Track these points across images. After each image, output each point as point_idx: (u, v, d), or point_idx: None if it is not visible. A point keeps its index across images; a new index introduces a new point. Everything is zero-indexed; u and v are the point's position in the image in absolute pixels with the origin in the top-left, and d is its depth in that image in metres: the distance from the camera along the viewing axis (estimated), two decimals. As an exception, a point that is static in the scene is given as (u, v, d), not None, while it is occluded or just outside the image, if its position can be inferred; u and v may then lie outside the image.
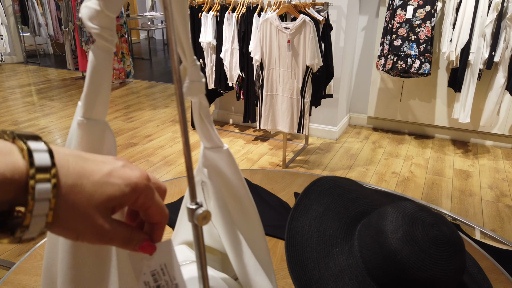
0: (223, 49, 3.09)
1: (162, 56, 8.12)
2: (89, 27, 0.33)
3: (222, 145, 0.44)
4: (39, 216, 0.27)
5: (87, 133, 0.36)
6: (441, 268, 0.59)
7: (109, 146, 0.38)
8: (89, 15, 0.32)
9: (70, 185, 0.29)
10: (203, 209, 0.35)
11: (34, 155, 0.27)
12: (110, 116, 4.04)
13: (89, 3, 0.32)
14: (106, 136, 0.37)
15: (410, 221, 0.62)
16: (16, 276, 0.81)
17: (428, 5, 2.92)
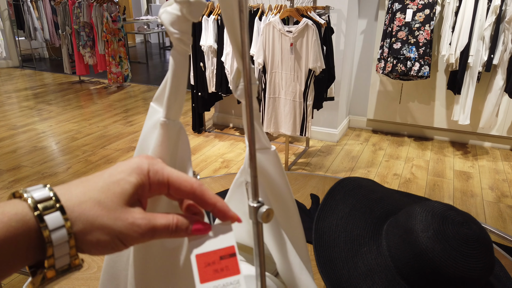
0: (224, 52, 3.10)
1: (158, 59, 8.11)
2: (170, 32, 0.34)
3: (269, 147, 0.44)
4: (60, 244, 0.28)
5: (168, 132, 0.36)
6: (472, 265, 0.60)
7: (184, 144, 0.38)
8: (170, 20, 0.33)
9: (77, 204, 0.30)
10: (266, 207, 0.35)
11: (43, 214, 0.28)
12: (109, 120, 4.03)
13: (170, 8, 0.33)
14: (181, 135, 0.38)
15: (440, 220, 0.63)
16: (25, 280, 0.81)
17: (427, 9, 2.95)
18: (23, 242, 0.27)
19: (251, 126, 0.35)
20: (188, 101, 4.78)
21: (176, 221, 0.33)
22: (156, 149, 0.35)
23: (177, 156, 0.38)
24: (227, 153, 3.21)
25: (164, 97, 0.36)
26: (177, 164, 0.38)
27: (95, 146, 3.34)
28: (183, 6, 0.32)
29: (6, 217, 0.27)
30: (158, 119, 0.36)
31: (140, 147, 0.40)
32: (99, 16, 4.99)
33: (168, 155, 0.36)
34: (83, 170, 2.89)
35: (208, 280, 0.34)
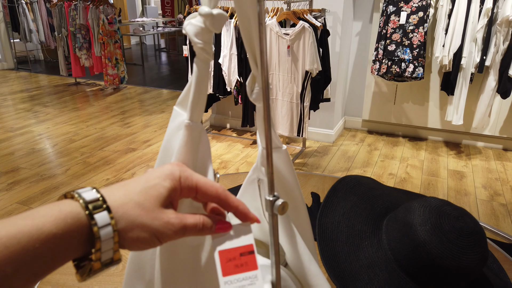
0: (222, 54, 3.14)
1: (154, 61, 8.13)
2: (194, 42, 0.37)
3: (281, 146, 0.48)
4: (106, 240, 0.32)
5: (191, 133, 0.39)
6: (467, 256, 0.64)
7: (204, 145, 0.41)
8: (194, 31, 0.36)
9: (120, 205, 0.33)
10: (281, 200, 0.39)
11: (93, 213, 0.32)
12: (106, 122, 4.04)
13: (194, 21, 0.36)
14: (202, 136, 0.41)
15: (437, 215, 0.67)
16: (53, 276, 0.84)
17: (421, 11, 3.01)
18: (76, 236, 0.31)
19: (268, 127, 0.38)
20: (185, 102, 4.81)
21: (202, 220, 0.37)
22: (181, 149, 0.39)
23: (198, 156, 0.41)
24: (225, 154, 3.24)
25: (187, 101, 0.39)
26: (198, 162, 0.41)
27: (93, 148, 3.36)
28: (206, 19, 0.36)
29: (63, 214, 0.30)
30: (182, 121, 0.40)
31: (164, 147, 0.43)
32: (95, 18, 5.01)
33: (191, 154, 0.40)
34: (81, 172, 2.91)
35: (230, 274, 0.38)
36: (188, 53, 3.34)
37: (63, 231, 0.30)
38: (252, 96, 0.43)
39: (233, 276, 0.38)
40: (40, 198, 2.53)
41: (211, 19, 0.35)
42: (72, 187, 2.68)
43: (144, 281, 0.43)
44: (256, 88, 0.43)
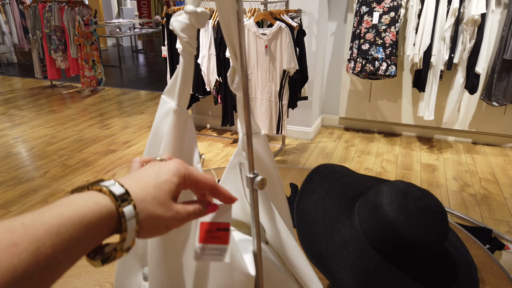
0: (200, 55, 3.17)
1: (131, 63, 8.05)
2: (180, 36, 0.42)
3: (260, 132, 0.53)
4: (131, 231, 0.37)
5: (179, 118, 0.44)
6: (430, 232, 0.71)
7: (190, 129, 0.46)
8: (180, 27, 0.41)
9: (141, 200, 0.38)
10: (260, 177, 0.44)
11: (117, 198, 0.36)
12: (84, 124, 4.01)
13: (180, 18, 0.41)
14: (188, 121, 0.45)
15: (402, 195, 0.74)
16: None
17: (392, 12, 3.12)
18: (107, 226, 0.35)
19: (248, 112, 0.44)
20: (164, 103, 4.80)
21: (198, 207, 0.44)
22: (170, 132, 0.43)
23: (185, 138, 0.46)
24: (206, 153, 3.27)
25: (174, 90, 0.44)
26: (185, 144, 0.46)
27: (71, 150, 3.33)
28: (191, 16, 0.40)
29: (98, 206, 0.34)
30: (169, 108, 0.44)
31: (154, 131, 0.47)
32: (71, 20, 4.95)
33: (179, 137, 0.44)
34: (61, 174, 2.89)
35: (204, 242, 0.43)
36: (167, 54, 3.36)
37: (99, 221, 0.34)
38: (233, 86, 0.48)
39: (207, 245, 0.43)
40: (18, 202, 2.51)
41: (196, 16, 0.40)
42: (52, 189, 2.66)
43: (137, 256, 0.47)
44: (236, 79, 0.48)
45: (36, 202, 2.50)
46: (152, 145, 0.47)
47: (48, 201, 2.51)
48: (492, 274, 0.86)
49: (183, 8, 0.41)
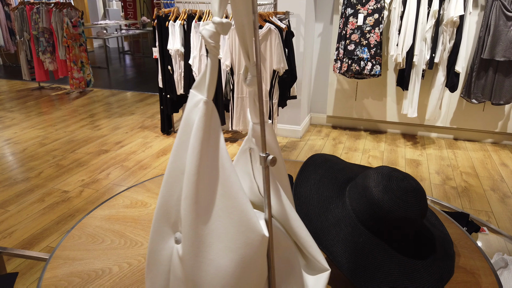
0: (192, 55, 3.25)
1: (119, 64, 8.06)
2: (208, 42, 0.51)
3: (267, 120, 0.63)
4: None
5: (207, 108, 0.52)
6: (411, 209, 0.81)
7: (216, 117, 0.55)
8: (208, 35, 0.50)
9: None
10: (272, 156, 0.54)
11: None
12: (75, 125, 4.04)
13: (208, 26, 0.50)
14: (214, 110, 0.54)
15: (387, 178, 0.84)
16: (62, 252, 0.95)
17: (376, 13, 3.25)
18: None
19: (261, 103, 0.53)
20: (158, 102, 4.86)
21: None
22: (201, 118, 0.52)
23: (211, 124, 0.54)
24: (198, 152, 3.35)
25: (202, 85, 0.53)
26: (212, 129, 0.54)
27: (64, 151, 3.37)
28: (218, 25, 0.49)
29: None
30: (198, 100, 0.53)
31: (185, 120, 0.56)
32: (59, 22, 4.96)
33: (208, 123, 0.53)
34: (55, 174, 2.93)
35: None
36: (158, 55, 3.43)
37: None
38: (247, 82, 0.58)
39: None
40: (15, 201, 2.55)
41: (222, 26, 0.49)
42: (48, 189, 2.71)
43: (170, 223, 0.56)
44: (249, 76, 0.57)
45: (33, 201, 2.55)
46: (183, 131, 0.55)
47: (44, 200, 2.56)
48: (466, 249, 0.97)
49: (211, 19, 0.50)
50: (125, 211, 1.13)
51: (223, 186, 0.53)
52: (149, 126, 4.04)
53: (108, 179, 2.86)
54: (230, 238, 0.53)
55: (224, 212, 0.53)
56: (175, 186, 0.55)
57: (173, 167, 0.56)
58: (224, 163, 0.53)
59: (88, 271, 0.88)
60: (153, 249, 0.58)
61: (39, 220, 2.34)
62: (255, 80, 0.57)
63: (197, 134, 0.52)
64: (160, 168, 3.05)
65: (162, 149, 3.42)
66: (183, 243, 0.53)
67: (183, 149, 0.55)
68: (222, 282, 0.53)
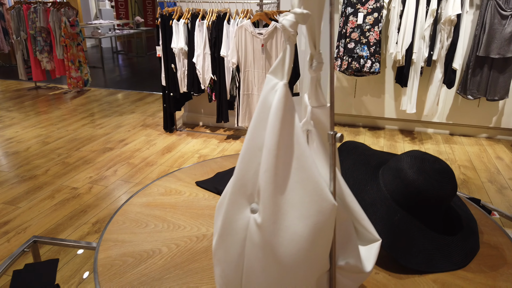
0: (196, 54, 3.30)
1: (113, 64, 8.05)
2: (288, 31, 0.56)
3: (325, 104, 0.69)
4: None
5: (287, 90, 0.58)
6: (444, 188, 0.88)
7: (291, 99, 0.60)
8: (289, 24, 0.56)
9: None
10: (340, 133, 0.60)
11: None
12: (77, 123, 4.05)
13: (288, 17, 0.55)
14: (289, 92, 0.60)
15: (420, 160, 0.91)
16: (110, 235, 0.99)
17: (376, 12, 3.34)
18: None
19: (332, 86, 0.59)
20: (157, 101, 4.88)
21: None
22: (280, 100, 0.58)
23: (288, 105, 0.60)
24: (202, 149, 3.40)
25: (279, 70, 0.59)
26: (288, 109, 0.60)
27: (69, 149, 3.39)
28: (298, 16, 0.55)
29: None
30: (275, 83, 0.59)
31: (262, 102, 0.61)
32: (56, 21, 4.96)
33: (286, 103, 0.59)
34: (62, 172, 2.95)
35: None
36: (161, 53, 3.47)
37: None
38: (312, 68, 0.64)
39: None
40: (25, 198, 2.57)
41: (302, 16, 0.55)
42: (56, 186, 2.73)
43: (246, 195, 0.62)
44: (314, 62, 0.63)
45: (43, 198, 2.57)
46: (261, 112, 0.61)
47: (55, 197, 2.58)
48: (487, 227, 1.04)
49: (290, 10, 0.56)
50: (161, 198, 1.18)
51: (298, 160, 0.59)
52: (151, 124, 4.07)
53: (116, 176, 2.89)
54: (304, 207, 0.59)
55: (299, 183, 0.59)
56: (252, 161, 0.61)
57: (250, 144, 0.61)
58: (299, 139, 0.59)
59: (139, 252, 0.93)
60: (229, 219, 0.64)
61: (52, 216, 2.37)
62: (320, 67, 0.63)
63: (277, 113, 0.57)
64: (167, 164, 3.09)
65: (166, 147, 3.45)
66: (263, 212, 0.59)
67: (261, 128, 0.60)
68: (297, 246, 0.59)
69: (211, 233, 1.01)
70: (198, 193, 1.21)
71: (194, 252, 0.93)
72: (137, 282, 0.83)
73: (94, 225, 2.27)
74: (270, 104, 0.60)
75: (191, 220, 1.06)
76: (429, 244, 0.90)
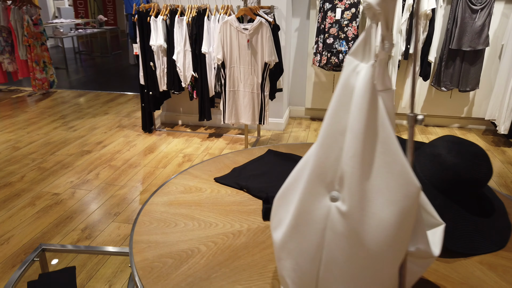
0: (176, 51, 3.21)
1: (77, 64, 7.71)
2: (374, 9, 0.54)
3: (391, 87, 0.67)
4: None
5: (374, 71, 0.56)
6: (482, 171, 0.90)
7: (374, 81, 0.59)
8: (376, 2, 0.54)
9: None
10: (421, 115, 0.59)
11: None
12: (48, 127, 3.85)
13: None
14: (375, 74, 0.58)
15: (457, 144, 0.92)
16: (140, 237, 0.94)
17: (353, 8, 3.40)
18: None
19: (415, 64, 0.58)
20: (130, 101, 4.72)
21: None
22: (368, 80, 0.56)
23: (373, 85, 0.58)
24: (185, 148, 3.32)
25: (362, 50, 0.57)
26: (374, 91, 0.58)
27: (43, 154, 3.21)
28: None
29: None
30: (356, 65, 0.57)
31: (343, 85, 0.58)
32: (18, 20, 4.68)
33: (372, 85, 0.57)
34: (40, 177, 2.79)
35: None
36: (139, 51, 3.36)
37: None
38: (385, 49, 0.62)
39: None
40: (3, 206, 2.40)
41: None
42: (36, 193, 2.58)
43: (325, 183, 0.59)
44: (386, 43, 0.62)
45: (23, 205, 2.41)
46: (342, 95, 0.59)
47: (36, 204, 2.43)
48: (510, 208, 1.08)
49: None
50: (183, 196, 1.13)
51: (383, 143, 0.57)
52: (128, 125, 3.93)
53: (98, 179, 2.77)
54: (390, 192, 0.57)
55: (384, 168, 0.57)
56: (333, 147, 0.59)
57: (331, 129, 0.59)
58: (384, 122, 0.57)
59: (177, 252, 0.88)
60: (305, 210, 0.61)
61: (36, 224, 2.23)
62: (391, 48, 0.62)
63: (364, 96, 0.56)
64: (151, 165, 2.99)
65: (147, 147, 3.35)
66: (349, 200, 0.57)
67: (343, 112, 0.58)
68: (384, 233, 0.57)
69: (246, 229, 0.98)
70: (220, 190, 1.17)
71: (235, 249, 0.90)
72: (185, 283, 0.79)
73: (84, 231, 2.16)
74: (352, 87, 0.58)
75: (221, 217, 1.03)
76: (469, 226, 0.91)
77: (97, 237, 2.11)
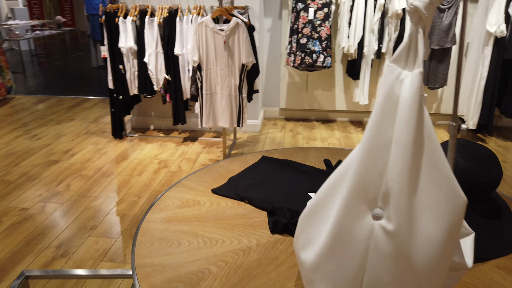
0: (147, 53, 3.09)
1: (35, 68, 7.31)
2: (423, 13, 0.50)
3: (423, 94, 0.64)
4: None
5: (420, 77, 0.52)
6: (494, 173, 0.89)
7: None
8: (423, 6, 0.50)
9: None
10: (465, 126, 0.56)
11: None
12: (8, 136, 3.60)
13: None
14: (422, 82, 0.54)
15: (468, 148, 0.91)
16: (143, 260, 0.86)
17: (326, 7, 3.40)
18: None
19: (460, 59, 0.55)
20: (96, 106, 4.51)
21: None
22: (417, 89, 0.51)
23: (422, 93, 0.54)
24: (160, 154, 3.21)
25: (406, 57, 0.53)
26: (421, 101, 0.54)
27: (6, 165, 2.99)
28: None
29: None
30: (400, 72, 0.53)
31: (386, 95, 0.54)
32: (-30, 21, 4.35)
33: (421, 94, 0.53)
34: (4, 192, 2.59)
35: None
36: (107, 54, 3.20)
37: None
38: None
39: None
40: (-35, 226, 2.21)
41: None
42: (1, 208, 2.39)
43: (367, 200, 0.55)
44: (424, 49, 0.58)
45: (-12, 224, 2.23)
46: (386, 105, 0.54)
47: (2, 221, 2.25)
48: None
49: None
50: (181, 211, 1.06)
51: (430, 156, 0.54)
52: (96, 131, 3.75)
53: (70, 191, 2.61)
54: (438, 207, 0.54)
55: (431, 182, 0.54)
56: (377, 162, 0.55)
57: (374, 142, 0.55)
58: (431, 133, 0.54)
59: (187, 275, 0.82)
60: (345, 229, 0.56)
61: (4, 243, 2.06)
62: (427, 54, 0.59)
63: (413, 106, 0.52)
64: (125, 173, 2.86)
65: (119, 154, 3.20)
66: (396, 218, 0.53)
67: (387, 123, 0.54)
68: (432, 251, 0.54)
69: (255, 244, 0.92)
70: (220, 202, 1.10)
71: (248, 268, 0.84)
72: (201, 311, 0.72)
73: (59, 248, 2.02)
74: (397, 96, 0.53)
75: (227, 232, 0.96)
76: (482, 230, 0.90)
77: (74, 254, 1.98)
